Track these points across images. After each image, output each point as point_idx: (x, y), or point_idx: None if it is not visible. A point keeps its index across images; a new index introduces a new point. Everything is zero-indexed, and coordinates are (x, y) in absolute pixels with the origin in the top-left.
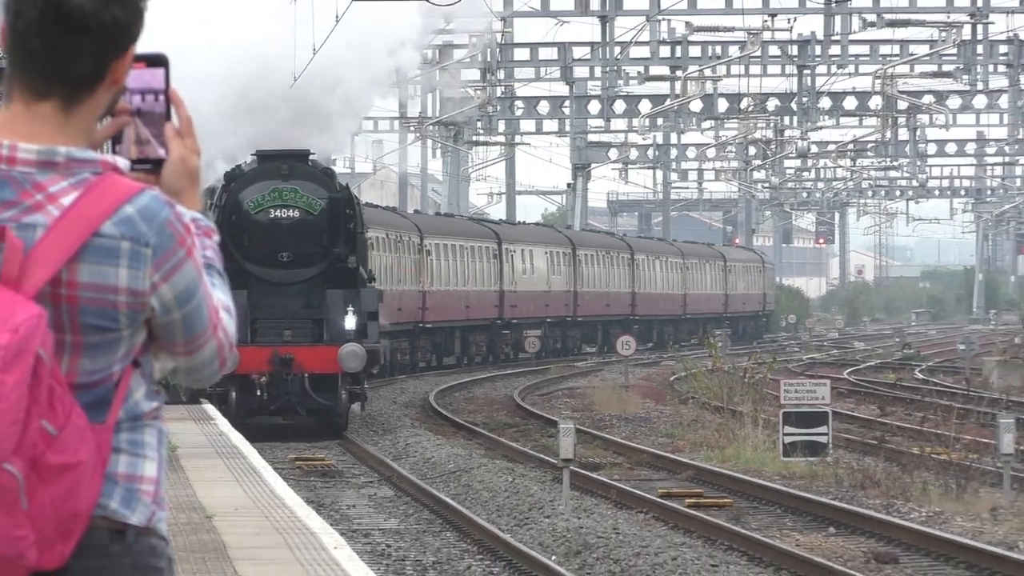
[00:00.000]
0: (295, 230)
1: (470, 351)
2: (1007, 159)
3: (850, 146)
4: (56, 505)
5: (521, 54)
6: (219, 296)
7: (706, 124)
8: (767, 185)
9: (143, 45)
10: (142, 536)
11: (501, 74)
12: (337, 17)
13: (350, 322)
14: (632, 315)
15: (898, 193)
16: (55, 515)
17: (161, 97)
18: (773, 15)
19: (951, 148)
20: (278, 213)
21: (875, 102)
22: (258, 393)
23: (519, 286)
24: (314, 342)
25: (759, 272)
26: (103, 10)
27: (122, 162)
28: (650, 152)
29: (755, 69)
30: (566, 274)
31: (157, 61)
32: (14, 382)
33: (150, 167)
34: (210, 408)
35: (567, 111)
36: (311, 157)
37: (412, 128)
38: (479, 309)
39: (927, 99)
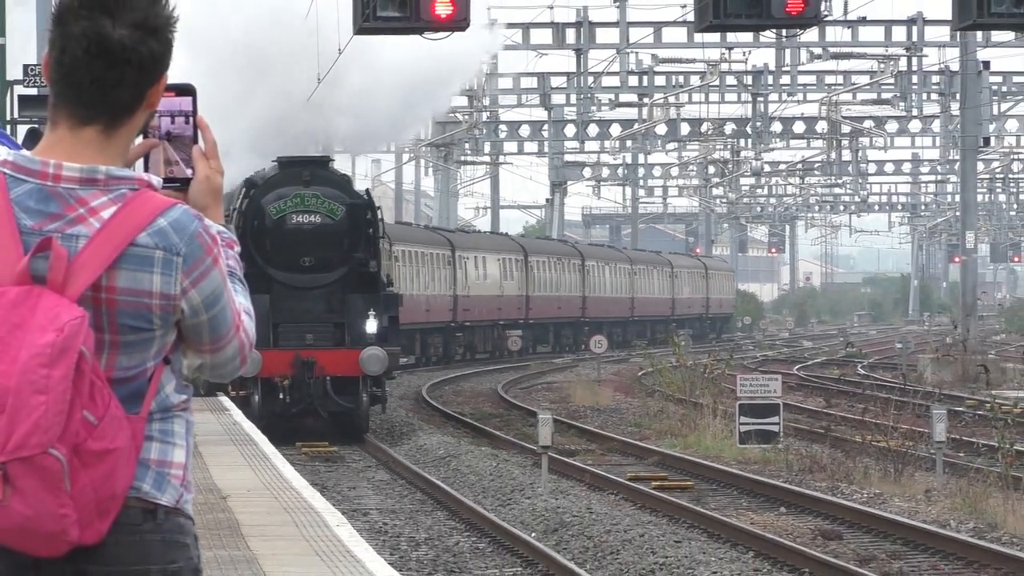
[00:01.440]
0: (317, 235)
1: (428, 352)
2: (939, 177)
3: (799, 165)
4: (95, 487)
5: (505, 83)
6: (241, 301)
7: (670, 146)
8: (725, 200)
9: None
10: (171, 515)
11: (487, 101)
12: (340, 49)
13: (371, 326)
14: (583, 317)
15: (842, 208)
16: (95, 496)
17: (189, 122)
18: (730, 48)
19: (889, 167)
20: (300, 219)
21: (821, 126)
22: (281, 396)
23: (472, 291)
24: (336, 345)
25: (702, 278)
26: (141, 44)
27: (155, 179)
28: (620, 171)
29: (714, 96)
30: (519, 279)
31: (186, 90)
32: (59, 376)
33: (179, 185)
34: (225, 400)
35: (546, 134)
36: (331, 163)
37: (407, 149)
38: (436, 312)
39: (867, 123)
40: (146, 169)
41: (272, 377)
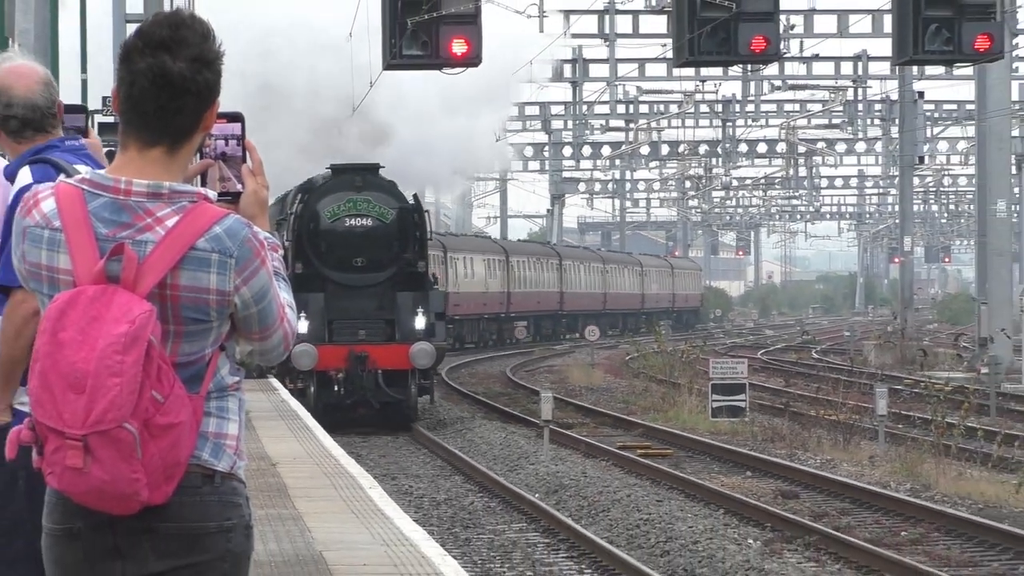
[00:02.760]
0: (368, 237)
1: None
2: (881, 191)
3: (762, 181)
4: (162, 455)
5: (512, 111)
6: (284, 296)
7: (652, 164)
8: (699, 210)
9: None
10: (226, 480)
11: (496, 125)
12: (371, 83)
13: (420, 322)
14: (560, 310)
15: (798, 216)
16: (162, 463)
17: (239, 144)
18: (703, 81)
19: (839, 182)
20: (353, 222)
21: (781, 147)
22: (335, 388)
23: (461, 288)
24: (386, 341)
25: (669, 276)
26: (197, 75)
27: (211, 193)
28: (610, 185)
29: (689, 122)
30: (500, 277)
31: (236, 117)
32: (132, 361)
33: (231, 198)
34: (275, 381)
35: (547, 154)
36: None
37: None
38: None
39: (820, 145)
40: (203, 184)
41: (327, 370)
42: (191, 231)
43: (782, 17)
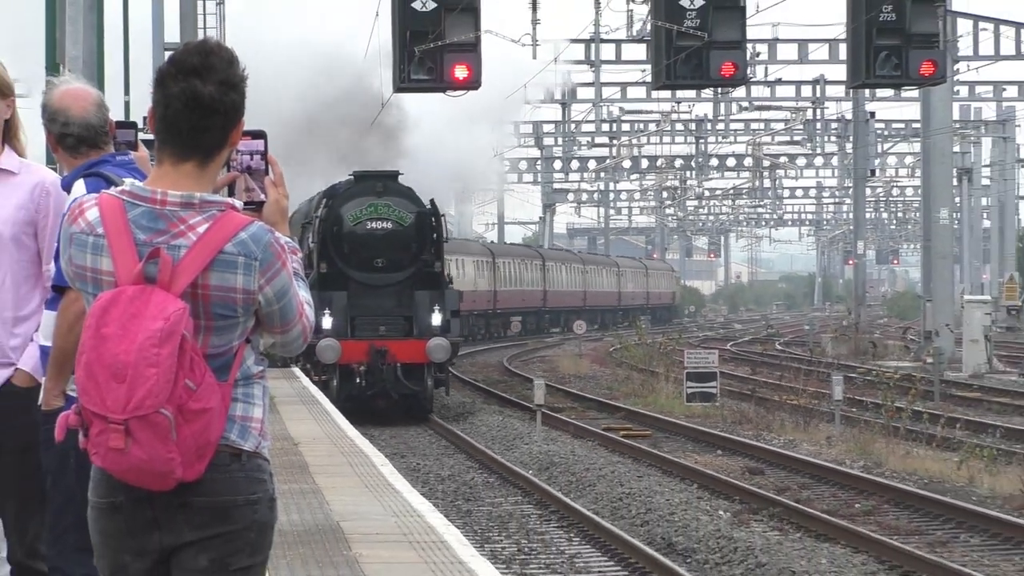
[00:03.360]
0: (388, 239)
1: None
2: (837, 200)
3: (731, 191)
4: (195, 437)
5: (508, 129)
6: (303, 294)
7: (633, 176)
8: (675, 217)
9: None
10: (252, 458)
11: (494, 142)
12: (383, 103)
13: (436, 319)
14: (544, 307)
15: (763, 223)
16: (194, 443)
17: (263, 158)
18: (679, 102)
19: (799, 192)
20: (374, 225)
21: (748, 161)
22: (357, 380)
23: (453, 287)
24: (405, 336)
25: (643, 276)
26: (225, 96)
27: (237, 203)
28: (595, 195)
29: (666, 139)
30: (488, 277)
31: (259, 135)
32: (167, 353)
33: (255, 207)
34: (296, 370)
35: (539, 167)
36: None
37: None
38: None
39: (783, 159)
40: (231, 194)
41: (350, 364)
42: (220, 237)
43: (749, 45)
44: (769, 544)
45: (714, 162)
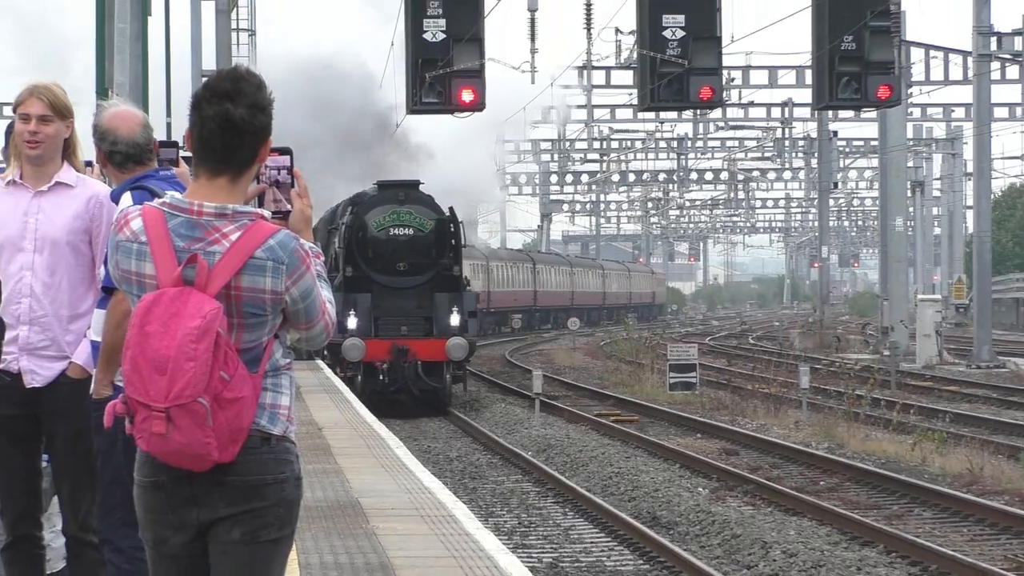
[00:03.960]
0: (410, 245)
1: None
2: (803, 210)
3: (708, 202)
4: (229, 423)
5: (509, 146)
6: (325, 294)
7: (622, 188)
8: (659, 225)
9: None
10: (280, 441)
11: (497, 158)
12: (397, 124)
13: (455, 319)
14: (534, 306)
15: (738, 230)
16: (228, 429)
17: (289, 173)
18: (662, 122)
19: (770, 203)
20: (396, 231)
21: (724, 175)
22: (380, 377)
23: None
24: (425, 335)
25: (626, 278)
26: (253, 118)
27: (266, 213)
28: (588, 206)
29: (651, 155)
30: (482, 279)
31: (285, 151)
32: (204, 348)
33: (282, 217)
34: (320, 362)
35: (537, 181)
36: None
37: None
38: None
39: (755, 173)
40: (260, 205)
41: (374, 361)
42: (251, 244)
43: (724, 72)
44: (743, 517)
45: (694, 176)
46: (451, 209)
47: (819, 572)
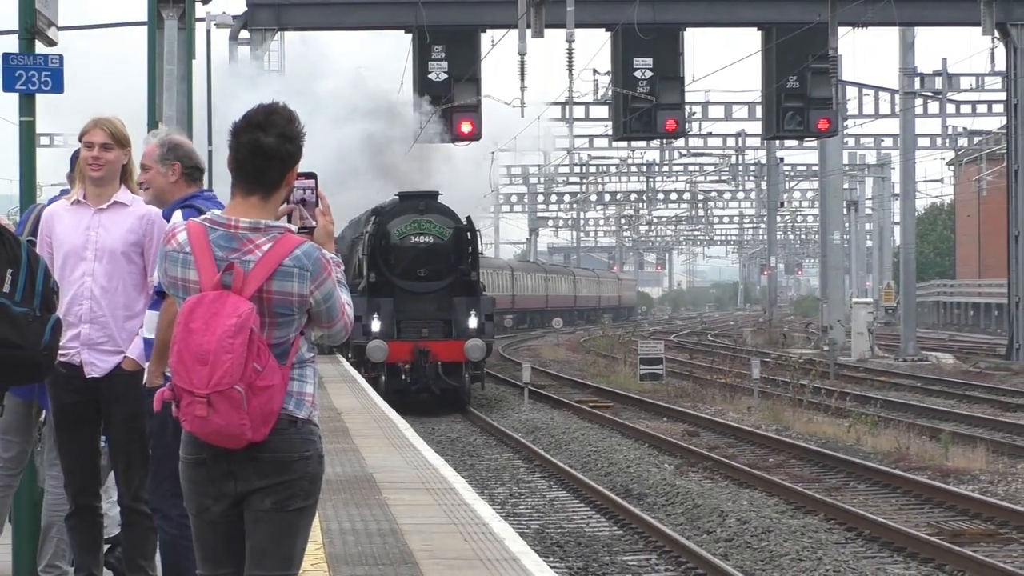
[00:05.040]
0: (430, 252)
1: None
2: (755, 225)
3: (673, 218)
4: (261, 407)
5: (501, 170)
6: (345, 297)
7: (599, 207)
8: (630, 239)
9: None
10: (305, 424)
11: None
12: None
13: (473, 322)
14: (512, 308)
15: (698, 243)
16: (261, 412)
17: (313, 193)
18: (634, 150)
19: (726, 219)
20: (417, 239)
21: (686, 195)
22: (403, 377)
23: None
24: (445, 337)
25: (595, 283)
26: (281, 146)
27: (293, 227)
28: (569, 221)
29: (624, 178)
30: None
31: (311, 175)
32: (239, 343)
33: (308, 231)
34: (340, 357)
35: (526, 200)
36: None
37: None
38: None
39: (713, 193)
40: (289, 221)
41: (396, 362)
42: (280, 253)
43: (687, 107)
44: (703, 490)
45: (660, 196)
46: (468, 218)
47: (768, 536)
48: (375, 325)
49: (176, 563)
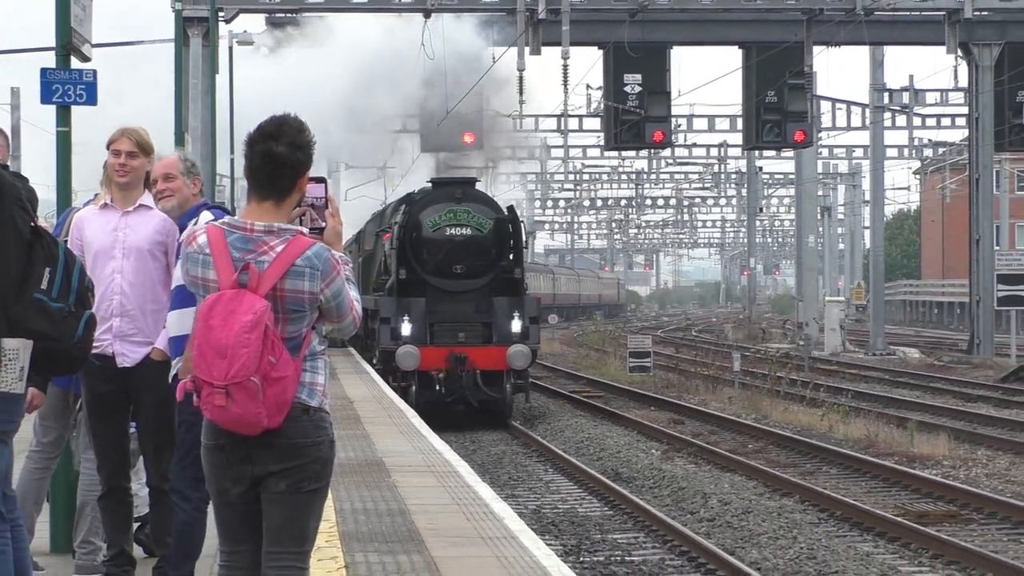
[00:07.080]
0: (467, 246)
1: None
2: (736, 229)
3: (661, 222)
4: (276, 397)
5: (502, 178)
6: (354, 294)
7: (591, 211)
8: (621, 241)
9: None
10: (317, 412)
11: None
12: (413, 160)
13: (516, 325)
14: None
15: (683, 245)
16: (275, 402)
17: (323, 197)
18: (624, 159)
19: (709, 223)
20: (453, 231)
21: (673, 201)
22: (437, 387)
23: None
24: (484, 343)
25: (576, 281)
26: (291, 155)
27: (304, 229)
28: (564, 225)
29: (615, 185)
30: None
31: (321, 180)
32: (255, 338)
33: (318, 233)
34: (352, 350)
35: (524, 205)
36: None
37: None
38: None
39: (698, 200)
40: (300, 223)
41: (429, 370)
42: (292, 254)
43: (673, 119)
44: (688, 473)
45: (648, 202)
46: (511, 208)
47: (748, 517)
48: (405, 328)
49: (188, 542)
